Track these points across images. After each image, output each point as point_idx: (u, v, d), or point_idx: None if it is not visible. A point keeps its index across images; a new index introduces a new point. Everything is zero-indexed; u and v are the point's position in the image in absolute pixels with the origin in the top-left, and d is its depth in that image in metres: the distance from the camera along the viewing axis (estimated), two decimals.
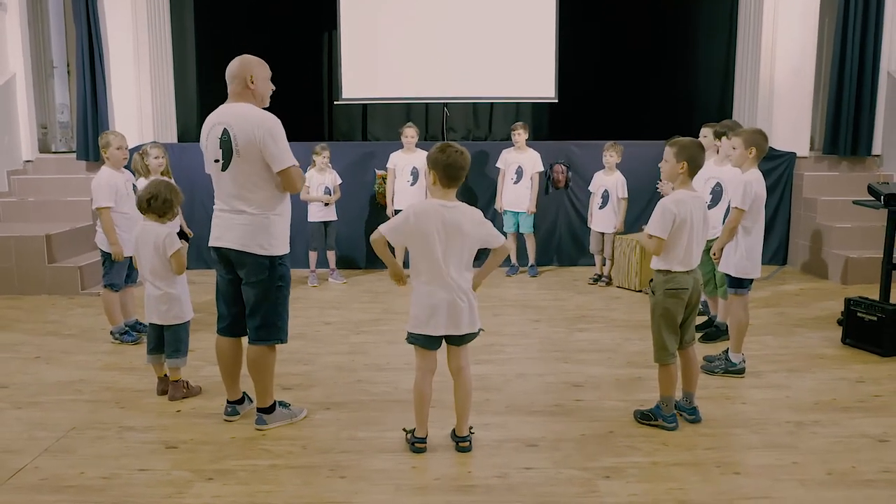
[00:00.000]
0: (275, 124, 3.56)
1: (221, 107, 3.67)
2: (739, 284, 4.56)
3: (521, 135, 7.52)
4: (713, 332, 5.33)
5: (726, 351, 4.68)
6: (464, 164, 3.39)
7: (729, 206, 4.84)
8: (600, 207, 7.22)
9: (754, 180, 4.44)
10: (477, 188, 8.09)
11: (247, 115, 3.56)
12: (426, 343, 3.46)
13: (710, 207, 5.12)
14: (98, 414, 4.04)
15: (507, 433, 3.75)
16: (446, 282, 3.37)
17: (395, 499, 3.12)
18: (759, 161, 4.53)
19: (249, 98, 3.64)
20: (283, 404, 3.94)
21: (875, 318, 4.95)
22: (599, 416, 3.98)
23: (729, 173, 5.19)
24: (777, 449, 3.56)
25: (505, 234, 7.69)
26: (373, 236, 3.46)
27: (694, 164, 3.72)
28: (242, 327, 3.83)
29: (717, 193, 5.32)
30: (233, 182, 3.58)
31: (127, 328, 5.38)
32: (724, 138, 5.28)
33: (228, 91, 3.66)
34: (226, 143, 3.54)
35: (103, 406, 4.15)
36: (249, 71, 3.63)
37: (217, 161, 3.60)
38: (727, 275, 4.61)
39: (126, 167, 5.43)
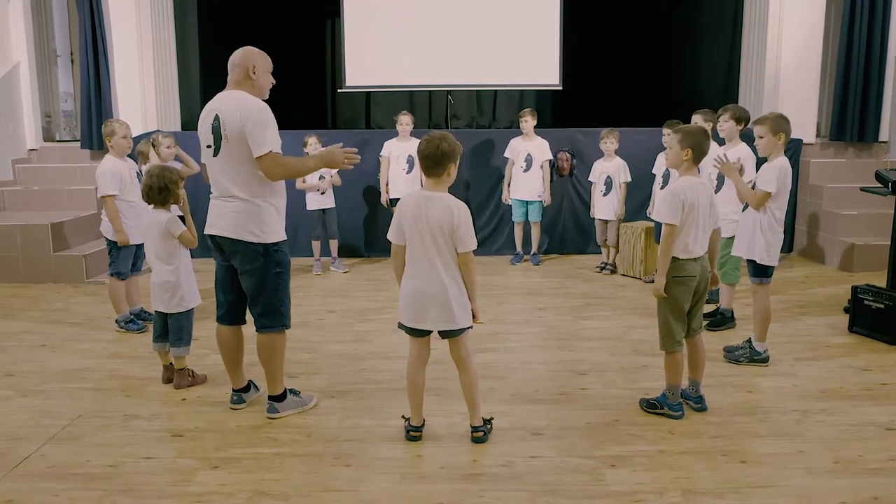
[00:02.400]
0: (260, 110, 3.54)
1: (218, 94, 3.70)
2: (763, 273, 4.47)
3: (528, 122, 7.42)
4: (719, 319, 5.31)
5: (748, 340, 4.63)
6: (430, 152, 3.27)
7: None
8: (604, 195, 7.18)
9: (786, 167, 4.36)
10: (479, 177, 8.03)
11: (236, 100, 3.57)
12: (410, 331, 3.45)
13: (715, 191, 5.06)
14: (103, 402, 4.05)
15: (512, 421, 3.74)
16: (429, 272, 3.31)
17: (400, 487, 3.12)
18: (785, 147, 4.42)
19: (249, 88, 3.65)
20: (294, 392, 3.94)
21: (883, 306, 4.92)
22: (605, 404, 3.98)
23: (732, 157, 5.17)
24: (783, 437, 3.55)
25: (513, 223, 7.68)
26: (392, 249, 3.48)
27: (699, 150, 3.70)
28: (241, 315, 3.84)
29: (721, 177, 5.29)
30: (223, 167, 3.62)
31: (132, 317, 5.39)
32: (720, 120, 5.33)
33: (228, 79, 3.68)
34: (216, 130, 3.58)
35: (109, 394, 4.17)
36: (252, 61, 3.64)
37: (209, 147, 3.65)
38: (751, 263, 4.50)
39: (130, 156, 5.43)
